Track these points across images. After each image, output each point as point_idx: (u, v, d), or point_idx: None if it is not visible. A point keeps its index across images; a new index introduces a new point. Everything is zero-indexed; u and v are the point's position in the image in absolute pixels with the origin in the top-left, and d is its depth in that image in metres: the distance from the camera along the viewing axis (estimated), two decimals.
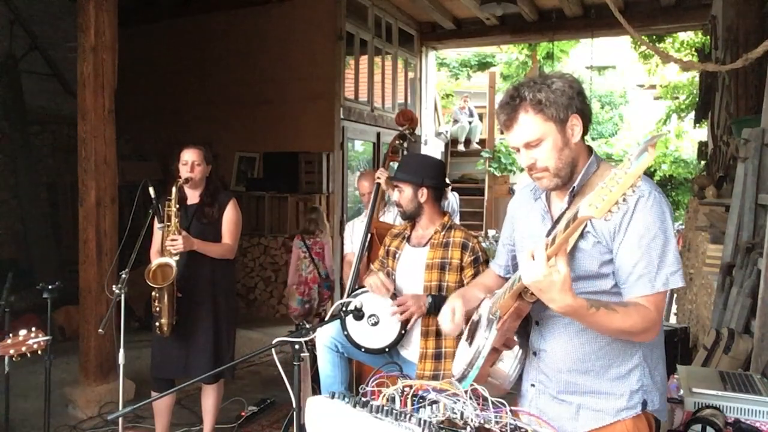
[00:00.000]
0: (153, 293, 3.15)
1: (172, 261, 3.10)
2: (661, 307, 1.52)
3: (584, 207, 1.22)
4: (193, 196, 3.36)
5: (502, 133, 12.28)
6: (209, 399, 3.46)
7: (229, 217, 3.37)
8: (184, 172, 3.26)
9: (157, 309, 3.17)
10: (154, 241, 3.32)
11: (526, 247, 1.45)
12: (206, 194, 3.36)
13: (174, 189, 3.15)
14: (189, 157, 3.28)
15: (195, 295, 3.27)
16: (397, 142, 3.72)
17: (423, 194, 2.73)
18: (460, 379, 1.63)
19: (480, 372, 1.61)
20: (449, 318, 1.80)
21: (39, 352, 2.50)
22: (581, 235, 1.54)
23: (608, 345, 1.61)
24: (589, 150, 1.64)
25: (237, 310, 3.59)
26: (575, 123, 1.57)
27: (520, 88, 1.57)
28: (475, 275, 2.54)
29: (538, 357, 1.72)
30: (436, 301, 2.57)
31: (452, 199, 9.32)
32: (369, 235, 3.48)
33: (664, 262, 1.50)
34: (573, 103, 1.56)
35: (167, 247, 3.11)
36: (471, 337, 1.74)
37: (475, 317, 1.78)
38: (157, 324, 3.19)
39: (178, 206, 3.16)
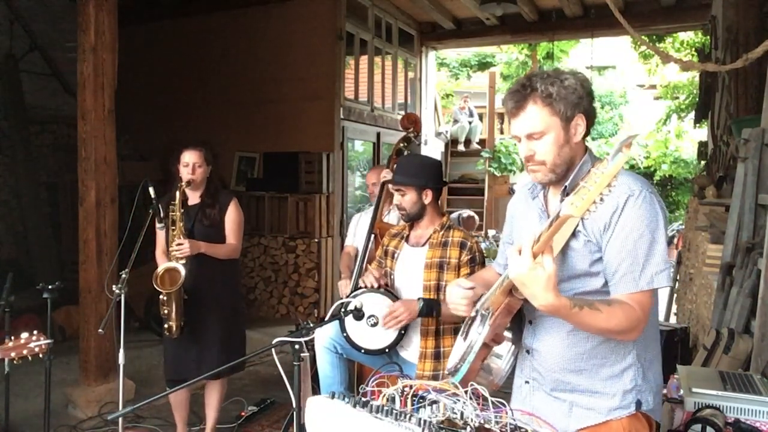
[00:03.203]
0: (161, 297, 3.16)
1: (180, 265, 3.10)
2: (647, 306, 1.52)
3: (566, 206, 1.24)
4: (193, 197, 3.36)
5: (501, 132, 12.20)
6: (214, 394, 3.49)
7: (232, 217, 3.37)
8: (185, 173, 3.26)
9: (165, 312, 3.19)
10: (159, 242, 3.32)
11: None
12: (207, 195, 3.36)
13: (177, 193, 3.15)
14: (190, 158, 3.27)
15: (200, 296, 3.28)
16: (401, 144, 3.77)
17: (427, 195, 2.73)
18: (452, 373, 1.64)
19: (471, 367, 1.61)
20: (457, 291, 1.72)
21: (40, 355, 2.49)
22: (573, 234, 1.55)
23: (601, 345, 1.61)
24: (585, 149, 1.65)
25: (243, 308, 3.61)
26: (579, 123, 1.58)
27: (533, 79, 1.57)
28: (470, 275, 2.53)
29: (531, 355, 1.73)
30: (428, 304, 2.58)
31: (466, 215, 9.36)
32: (372, 236, 3.50)
33: (650, 261, 1.50)
34: (581, 103, 1.57)
35: (173, 252, 3.12)
36: (466, 333, 1.75)
37: (472, 313, 1.78)
38: (166, 326, 3.22)
39: (182, 210, 3.17)
